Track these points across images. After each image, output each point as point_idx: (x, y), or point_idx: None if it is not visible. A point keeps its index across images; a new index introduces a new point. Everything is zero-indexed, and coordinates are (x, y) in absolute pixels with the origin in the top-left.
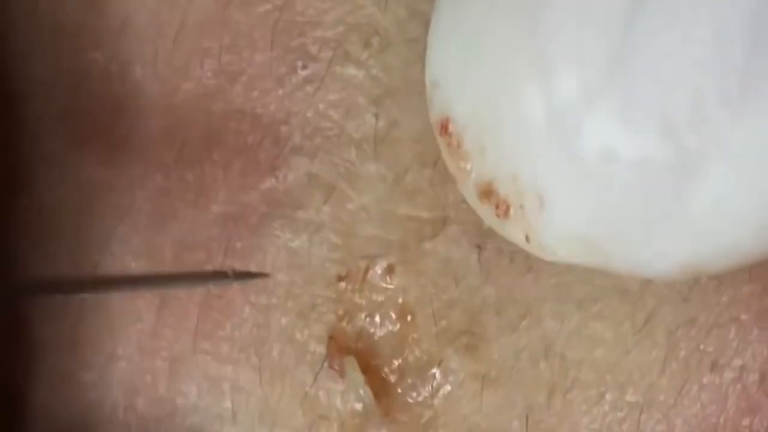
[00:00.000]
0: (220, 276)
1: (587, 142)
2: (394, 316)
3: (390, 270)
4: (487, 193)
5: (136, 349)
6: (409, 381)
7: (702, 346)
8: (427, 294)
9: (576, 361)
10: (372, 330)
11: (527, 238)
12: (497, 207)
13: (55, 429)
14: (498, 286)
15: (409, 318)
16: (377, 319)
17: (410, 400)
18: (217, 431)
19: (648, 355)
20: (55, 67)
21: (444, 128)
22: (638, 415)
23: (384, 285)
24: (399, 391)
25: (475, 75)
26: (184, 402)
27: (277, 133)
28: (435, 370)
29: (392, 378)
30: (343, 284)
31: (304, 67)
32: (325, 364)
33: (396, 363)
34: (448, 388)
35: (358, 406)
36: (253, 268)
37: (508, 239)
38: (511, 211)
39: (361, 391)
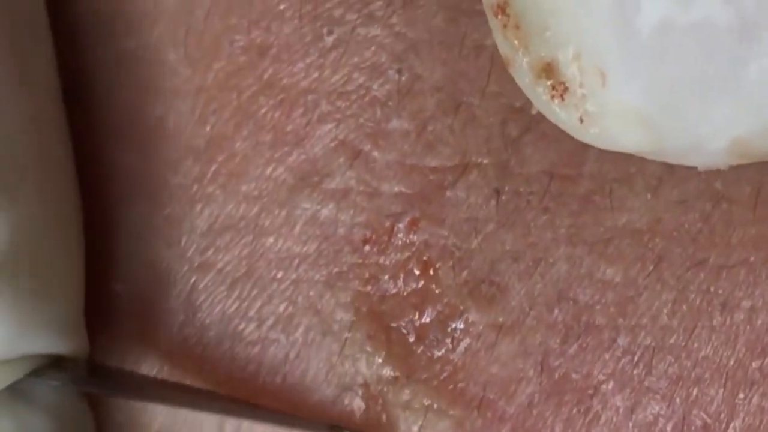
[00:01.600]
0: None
1: (646, 15)
2: (417, 272)
3: (413, 224)
4: (546, 72)
5: (168, 342)
6: (431, 337)
7: (712, 288)
8: (448, 246)
9: (588, 306)
10: (395, 290)
11: (581, 120)
12: (554, 88)
13: None
14: (515, 230)
15: (431, 272)
16: (401, 278)
17: (431, 357)
18: (240, 416)
19: (658, 297)
20: (93, 58)
21: (501, 10)
22: (650, 358)
23: (408, 242)
24: (420, 350)
25: None
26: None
27: (305, 103)
28: (455, 324)
29: (413, 337)
30: (368, 247)
31: (330, 33)
32: (351, 333)
33: (418, 322)
34: (468, 341)
35: (383, 372)
36: (280, 244)
37: (558, 123)
38: (569, 91)
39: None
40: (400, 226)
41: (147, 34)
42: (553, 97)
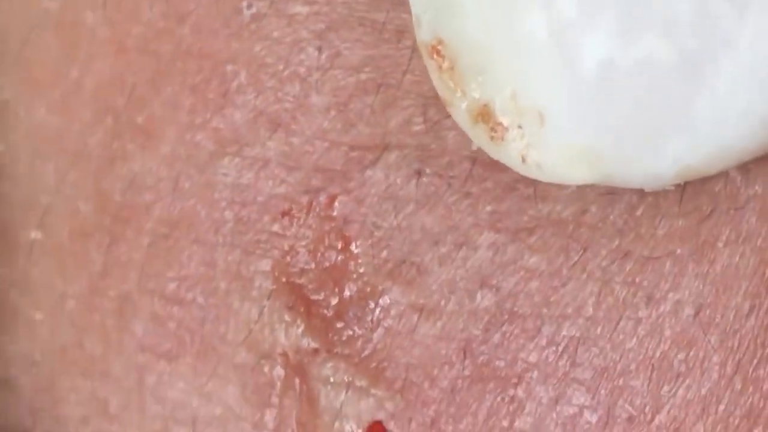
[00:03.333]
0: None
1: (587, 57)
2: (336, 248)
3: (332, 200)
4: (482, 115)
5: (86, 288)
6: (350, 315)
7: (637, 280)
8: (367, 224)
9: (512, 294)
10: (314, 264)
11: (523, 159)
12: (493, 130)
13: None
14: (436, 213)
15: (351, 249)
16: (320, 252)
17: (352, 334)
18: (161, 371)
19: (583, 288)
20: (10, 17)
21: (436, 51)
22: (575, 349)
23: (327, 217)
24: (340, 326)
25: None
26: (130, 341)
27: (224, 72)
28: (375, 302)
29: (332, 312)
30: (287, 219)
31: (249, 6)
32: (269, 301)
33: (337, 297)
34: (388, 321)
35: (303, 344)
36: (200, 208)
37: (501, 161)
38: (508, 132)
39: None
40: (320, 200)
41: None
42: (492, 138)
